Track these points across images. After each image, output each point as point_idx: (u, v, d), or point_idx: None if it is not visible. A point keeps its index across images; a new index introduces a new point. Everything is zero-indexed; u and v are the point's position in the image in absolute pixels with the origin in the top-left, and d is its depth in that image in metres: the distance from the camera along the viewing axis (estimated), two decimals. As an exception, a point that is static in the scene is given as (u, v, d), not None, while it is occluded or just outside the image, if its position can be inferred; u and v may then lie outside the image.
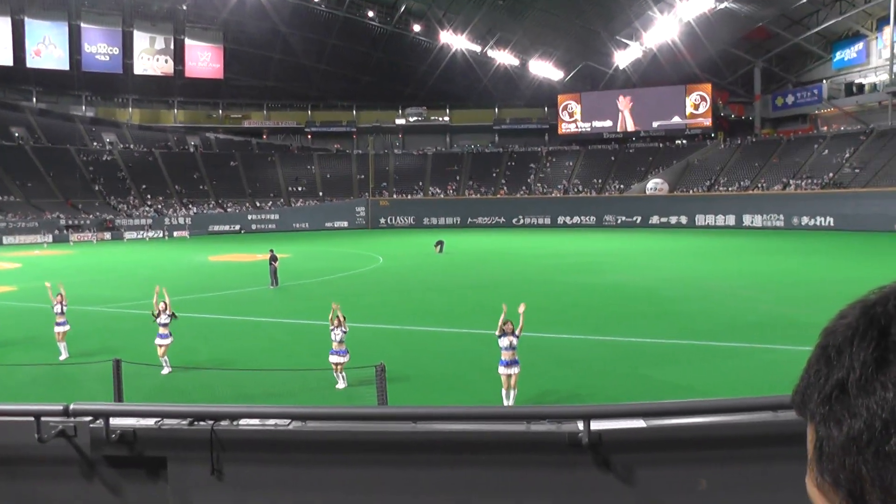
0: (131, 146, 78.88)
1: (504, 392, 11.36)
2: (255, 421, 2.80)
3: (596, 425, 2.65)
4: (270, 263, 27.80)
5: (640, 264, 34.07)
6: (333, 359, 12.79)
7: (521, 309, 11.32)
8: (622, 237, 54.71)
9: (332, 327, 12.99)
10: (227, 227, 69.17)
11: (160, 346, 14.08)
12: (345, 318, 13.05)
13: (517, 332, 11.23)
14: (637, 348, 15.79)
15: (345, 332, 12.89)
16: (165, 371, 13.75)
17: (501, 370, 11.35)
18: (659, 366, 14.12)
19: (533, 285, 26.75)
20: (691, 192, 68.90)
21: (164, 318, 14.25)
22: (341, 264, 36.12)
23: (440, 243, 43.01)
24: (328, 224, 73.26)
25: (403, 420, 2.78)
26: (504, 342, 11.22)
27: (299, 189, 79.54)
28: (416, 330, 18.38)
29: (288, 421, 2.78)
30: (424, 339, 17.27)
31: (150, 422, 2.80)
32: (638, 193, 70.77)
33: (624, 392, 12.23)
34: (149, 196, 72.67)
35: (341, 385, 12.72)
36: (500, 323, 11.33)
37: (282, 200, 76.72)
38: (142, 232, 64.25)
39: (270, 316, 20.74)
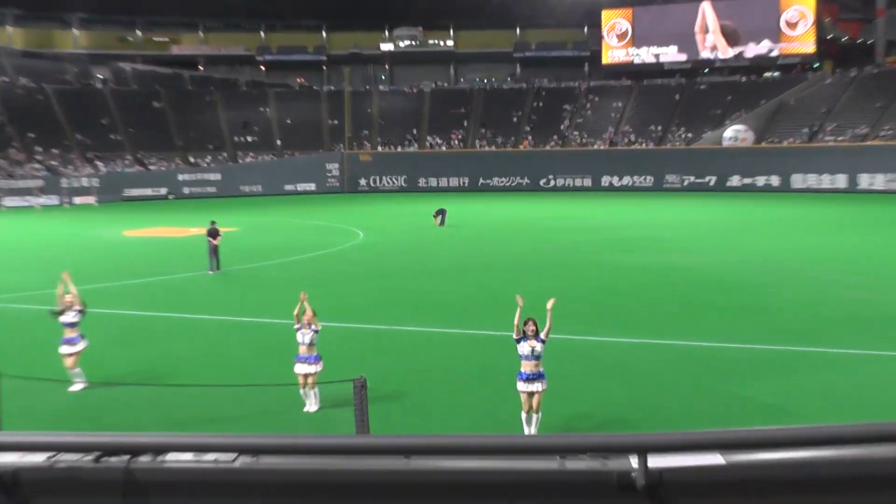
0: (11, 80, 78.20)
1: (525, 416, 11.44)
2: (188, 456, 2.77)
3: (655, 461, 2.66)
4: (210, 240, 27.92)
5: (713, 242, 34.20)
6: (301, 368, 12.80)
7: (550, 305, 11.34)
8: (690, 205, 54.98)
9: (297, 325, 13.00)
10: (148, 192, 69.58)
11: (68, 354, 13.97)
12: (315, 313, 13.06)
13: (543, 335, 11.27)
14: (710, 355, 15.87)
15: (316, 333, 12.90)
16: (78, 387, 13.70)
17: (521, 386, 11.41)
18: (741, 379, 14.20)
19: (567, 270, 26.89)
20: (785, 143, 69.07)
21: (71, 316, 14.14)
22: (307, 241, 36.36)
23: (441, 213, 43.27)
24: (289, 187, 73.67)
25: (392, 454, 2.79)
26: (524, 348, 11.29)
27: (249, 139, 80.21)
28: (409, 331, 18.50)
29: (233, 455, 2.78)
30: (419, 343, 17.40)
31: (40, 458, 2.75)
32: (712, 145, 70.84)
33: (693, 416, 12.27)
34: (38, 149, 72.12)
35: (311, 407, 12.74)
36: (515, 321, 11.36)
37: (225, 155, 77.36)
38: (29, 198, 63.76)
39: (211, 312, 20.91)
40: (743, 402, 12.87)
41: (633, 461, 2.69)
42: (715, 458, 2.71)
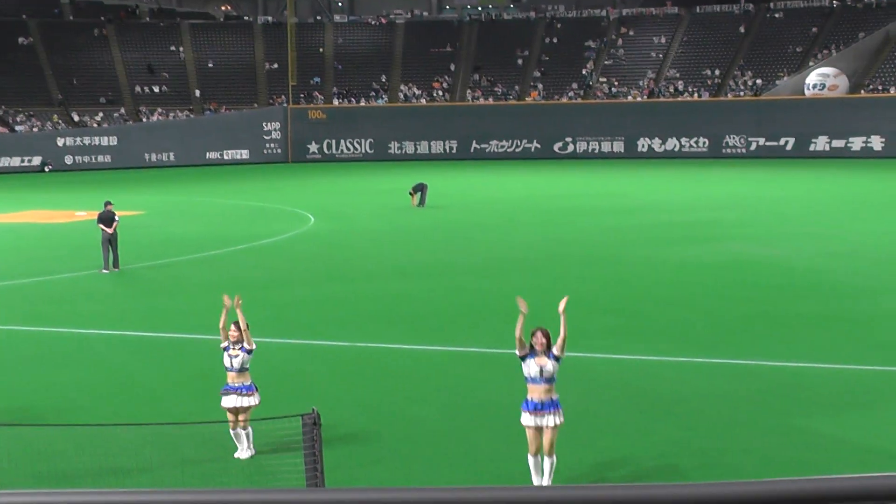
0: None
1: (532, 461, 11.53)
2: None
3: None
4: (103, 229, 27.82)
5: (792, 227, 34.43)
6: (230, 402, 12.91)
7: (562, 306, 11.46)
8: (759, 177, 55.27)
9: (225, 343, 13.11)
10: (16, 162, 69.67)
11: None
12: (248, 325, 13.15)
13: (556, 350, 11.36)
14: (787, 380, 16.02)
15: (249, 354, 13.00)
16: None
17: (527, 419, 11.47)
18: (830, 412, 14.32)
19: (592, 268, 27.06)
20: (893, 90, 69.49)
21: None
22: (237, 230, 36.42)
23: (420, 190, 43.18)
24: (212, 155, 73.58)
25: None
26: (531, 368, 11.36)
27: (156, 90, 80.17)
28: (376, 349, 18.60)
29: None
30: (391, 365, 17.52)
31: None
32: (790, 95, 71.07)
33: (764, 461, 12.35)
34: None
35: (244, 452, 12.91)
36: (518, 333, 11.42)
37: (123, 111, 77.26)
38: None
39: (107, 325, 20.94)
40: (835, 445, 13.00)
41: None
42: None
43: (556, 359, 11.36)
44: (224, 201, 47.15)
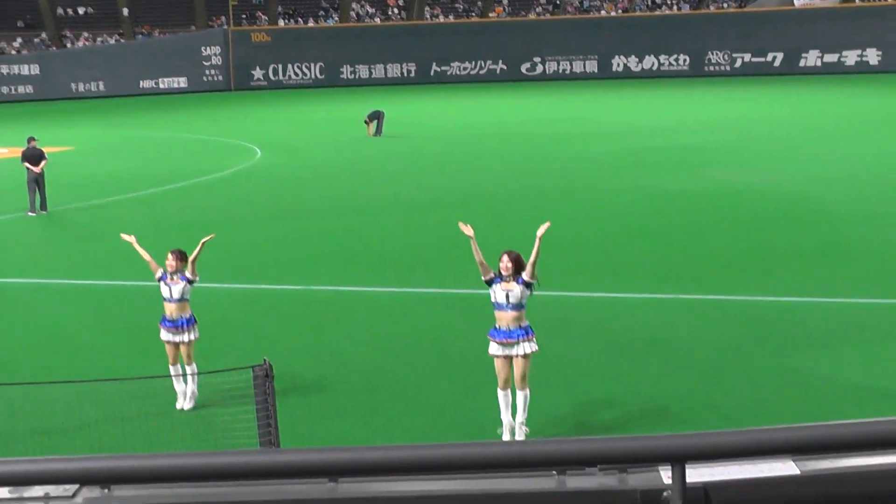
0: None
1: (502, 395, 11.64)
2: (3, 492, 2.83)
3: (697, 474, 2.71)
4: (28, 167, 27.52)
5: (782, 152, 34.50)
6: (168, 336, 13.08)
7: (542, 231, 11.56)
8: (745, 96, 55.39)
9: (159, 273, 13.20)
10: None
11: None
12: (189, 258, 13.18)
13: (526, 275, 11.46)
14: (778, 316, 16.14)
15: (190, 283, 13.06)
16: None
17: (494, 349, 11.61)
18: (825, 350, 14.47)
19: (565, 200, 27.05)
20: None
21: None
22: (176, 166, 36.17)
23: (377, 118, 43.01)
24: (147, 84, 72.73)
25: (312, 475, 2.83)
26: (497, 294, 11.51)
27: (81, 12, 79.07)
28: (332, 292, 18.62)
29: (73, 488, 2.85)
30: (347, 309, 17.53)
31: None
32: (778, 6, 70.99)
33: (753, 405, 12.49)
34: None
35: (185, 402, 12.99)
36: (476, 257, 11.59)
37: (45, 36, 76.27)
38: None
39: (34, 273, 20.87)
40: (826, 383, 13.15)
41: (665, 475, 2.73)
42: (785, 468, 2.77)
43: (527, 284, 11.44)
44: (161, 135, 46.72)
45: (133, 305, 17.83)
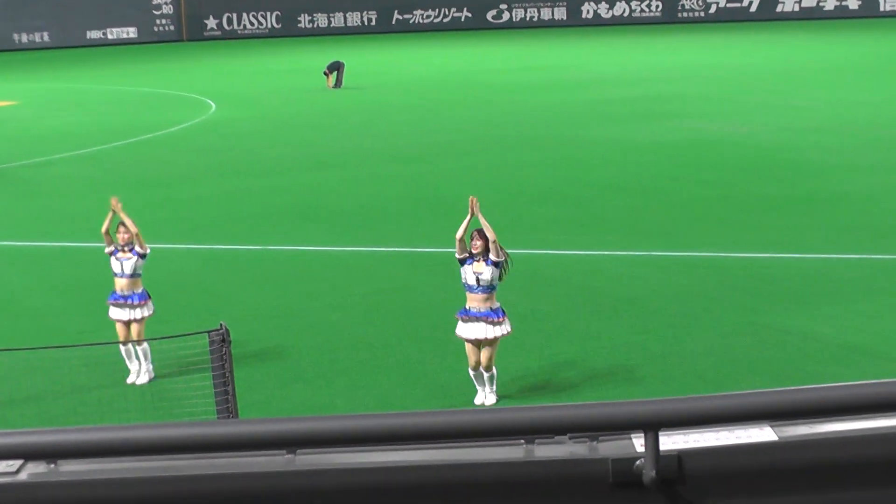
0: None
1: (473, 374, 11.79)
2: None
3: (671, 442, 2.72)
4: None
5: (758, 100, 34.56)
6: (119, 313, 12.97)
7: (474, 209, 11.60)
8: (720, 43, 55.37)
9: (110, 248, 13.06)
10: None
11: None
12: (139, 231, 13.06)
13: (493, 256, 11.51)
14: (754, 272, 16.26)
15: (142, 258, 12.96)
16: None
17: (461, 330, 11.73)
18: (799, 306, 14.58)
19: (532, 152, 27.02)
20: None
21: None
22: (126, 120, 35.85)
23: (336, 69, 42.77)
24: (94, 34, 71.83)
25: (269, 447, 2.84)
26: (468, 275, 11.64)
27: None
28: (289, 252, 18.62)
29: (16, 464, 2.83)
30: (306, 269, 17.56)
31: None
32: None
33: (728, 367, 12.61)
34: None
35: (139, 375, 12.96)
36: (459, 234, 11.63)
37: (-17, -16, 74.73)
38: None
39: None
40: (803, 341, 13.30)
41: (638, 443, 2.73)
42: (762, 434, 2.77)
43: (496, 264, 11.51)
44: (110, 88, 46.21)
45: (81, 267, 17.70)
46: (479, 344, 11.60)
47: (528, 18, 72.19)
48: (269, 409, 11.82)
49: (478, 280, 11.49)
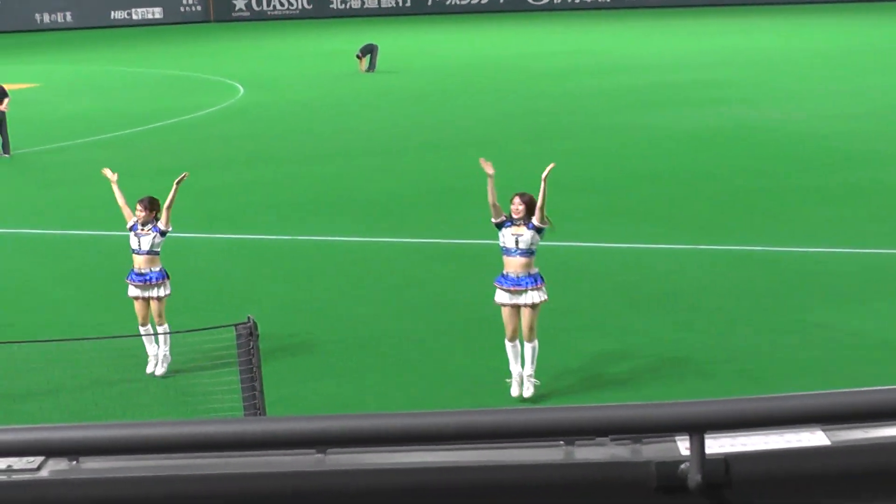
0: None
1: (510, 347, 11.80)
2: None
3: (717, 444, 2.72)
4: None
5: (805, 85, 34.33)
6: (136, 291, 12.95)
7: (545, 173, 11.86)
8: (766, 24, 55.11)
9: (131, 221, 13.05)
10: None
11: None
12: (163, 205, 13.04)
13: (535, 220, 11.67)
14: (801, 266, 16.15)
15: (162, 235, 12.92)
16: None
17: (501, 297, 11.85)
18: (850, 304, 14.43)
19: (565, 137, 26.98)
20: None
21: None
22: (151, 105, 35.90)
23: (370, 52, 42.88)
24: (118, 14, 72.22)
25: (299, 446, 2.83)
26: (506, 238, 11.81)
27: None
28: (318, 242, 18.62)
29: (37, 460, 2.81)
30: (337, 261, 17.56)
31: None
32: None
33: (776, 363, 12.47)
34: None
35: (157, 367, 12.89)
36: (490, 199, 11.87)
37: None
38: None
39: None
40: (855, 339, 13.12)
41: (682, 446, 2.72)
42: (814, 438, 2.74)
43: (537, 229, 11.66)
44: (134, 70, 46.49)
45: (102, 256, 17.76)
46: (517, 311, 11.70)
47: (569, 0, 72.13)
48: (297, 405, 11.79)
49: (517, 242, 11.65)
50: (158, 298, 12.93)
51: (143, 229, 12.97)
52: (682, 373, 12.49)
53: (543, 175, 11.76)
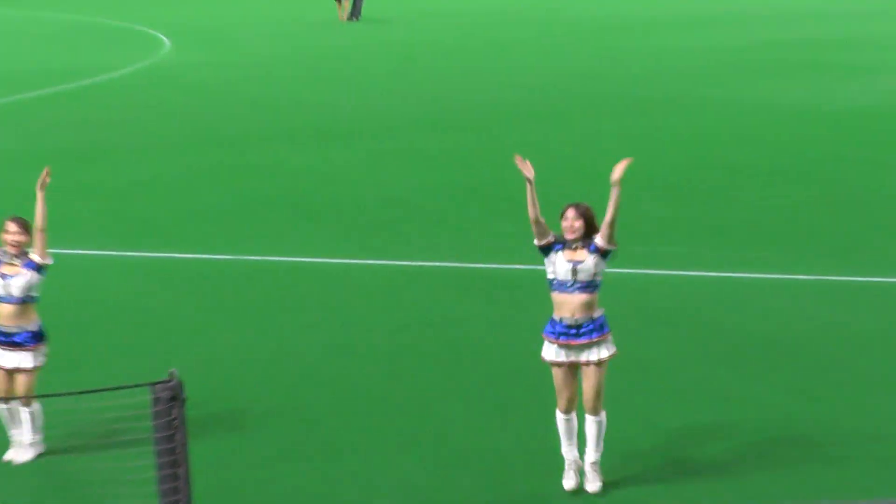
0: None
1: (564, 422, 11.62)
2: None
3: None
4: None
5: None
6: (3, 360, 12.61)
7: (619, 173, 11.32)
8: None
9: None
10: None
11: None
12: (44, 227, 12.82)
13: (601, 240, 11.39)
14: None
15: (38, 272, 12.66)
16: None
17: (549, 352, 11.62)
18: None
19: (629, 114, 27.17)
20: None
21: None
22: (52, 60, 36.54)
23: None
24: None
25: None
26: (558, 266, 11.56)
27: None
28: (274, 263, 18.66)
29: None
30: (300, 291, 17.52)
31: None
32: None
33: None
34: None
35: (22, 451, 12.68)
36: (531, 211, 11.43)
37: None
38: None
39: None
40: None
41: None
42: None
43: (602, 253, 11.37)
44: (32, 15, 46.84)
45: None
46: (575, 371, 11.48)
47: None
48: (239, 499, 11.66)
49: (574, 272, 11.34)
50: (27, 371, 12.60)
51: (10, 264, 12.70)
52: (801, 457, 12.23)
53: (616, 176, 11.32)
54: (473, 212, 20.41)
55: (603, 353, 11.45)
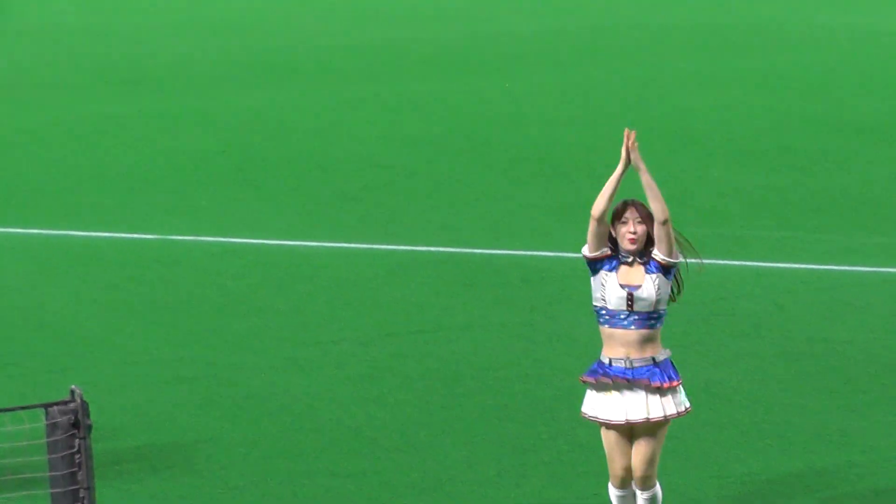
0: None
1: (618, 498, 11.55)
2: None
3: None
4: None
5: None
6: None
7: (635, 149, 10.96)
8: None
9: None
10: None
11: None
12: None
13: (662, 253, 11.04)
14: None
15: None
16: None
17: (595, 407, 11.46)
18: None
19: (695, 50, 28.37)
20: None
21: None
22: None
23: None
24: None
25: None
26: (609, 291, 11.20)
27: None
28: (210, 243, 19.01)
29: None
30: (243, 277, 17.94)
31: None
32: None
33: None
34: None
35: None
36: (607, 199, 10.90)
37: None
38: None
39: None
40: None
41: None
42: None
43: (665, 270, 11.20)
44: None
45: None
46: (629, 433, 11.47)
47: None
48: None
49: (631, 301, 11.16)
50: None
51: None
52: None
53: (635, 156, 10.92)
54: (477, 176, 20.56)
55: (670, 408, 11.25)
